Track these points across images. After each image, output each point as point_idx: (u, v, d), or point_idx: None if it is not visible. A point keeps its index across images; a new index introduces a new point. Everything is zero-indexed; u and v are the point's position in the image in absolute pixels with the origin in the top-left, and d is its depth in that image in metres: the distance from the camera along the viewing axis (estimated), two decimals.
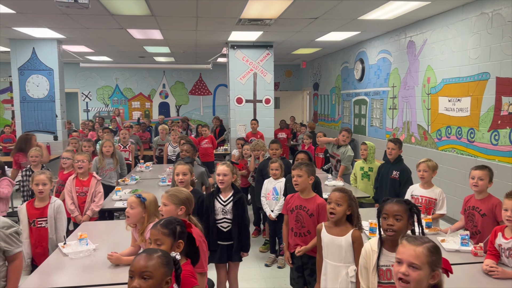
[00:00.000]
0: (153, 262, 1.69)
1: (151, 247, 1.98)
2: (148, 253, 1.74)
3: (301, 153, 4.46)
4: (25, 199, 4.85)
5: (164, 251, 1.80)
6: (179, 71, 13.66)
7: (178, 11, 5.87)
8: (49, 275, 2.80)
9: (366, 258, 2.37)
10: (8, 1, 5.19)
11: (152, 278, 1.67)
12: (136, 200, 2.82)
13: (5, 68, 12.15)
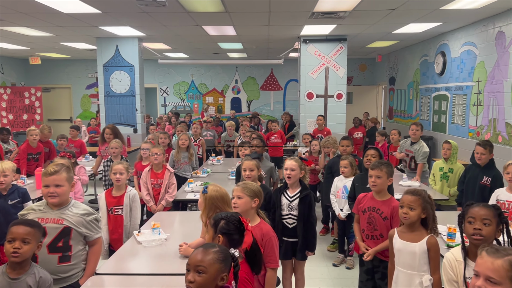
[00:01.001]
0: (208, 257, 1.69)
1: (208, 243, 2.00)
2: (205, 248, 1.74)
3: (371, 150, 4.23)
4: (106, 188, 5.20)
5: (222, 247, 1.79)
6: (251, 67, 13.80)
7: (251, 6, 5.90)
8: (124, 261, 2.96)
9: (453, 270, 2.17)
10: (95, 1, 5.56)
11: (206, 273, 1.67)
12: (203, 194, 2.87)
13: (92, 64, 13.09)
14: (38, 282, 2.13)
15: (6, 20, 6.62)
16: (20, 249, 2.12)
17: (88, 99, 13.84)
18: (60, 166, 2.58)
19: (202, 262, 1.68)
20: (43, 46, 10.04)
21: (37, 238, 2.18)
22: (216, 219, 2.11)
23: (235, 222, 2.08)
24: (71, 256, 2.57)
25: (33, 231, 2.17)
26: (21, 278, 2.13)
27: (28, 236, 2.14)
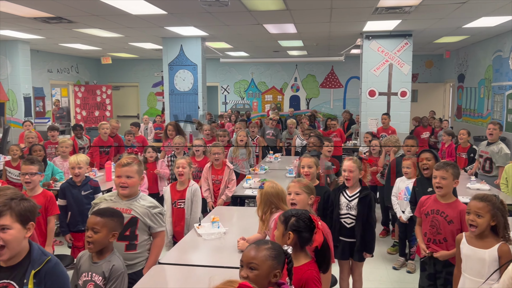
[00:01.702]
0: (261, 254, 1.71)
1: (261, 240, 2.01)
2: (258, 245, 1.76)
3: (426, 152, 3.95)
4: (170, 182, 5.42)
5: (275, 244, 1.80)
6: (311, 64, 13.69)
7: (313, 4, 5.86)
8: (185, 253, 3.08)
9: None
10: (161, 3, 5.81)
11: (258, 270, 1.69)
12: (260, 189, 2.91)
13: (157, 63, 13.68)
14: (110, 270, 2.28)
15: (81, 22, 7.11)
16: (90, 238, 2.28)
17: (154, 96, 14.48)
18: (133, 159, 2.75)
19: (254, 259, 1.70)
20: (114, 47, 10.65)
21: (109, 228, 2.31)
22: (286, 216, 2.09)
23: (305, 220, 2.06)
24: (137, 245, 2.72)
25: (103, 221, 2.31)
26: (99, 263, 2.30)
27: (97, 225, 2.29)
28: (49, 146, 6.45)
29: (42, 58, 11.35)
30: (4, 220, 1.69)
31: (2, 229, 1.68)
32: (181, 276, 2.70)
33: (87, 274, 2.31)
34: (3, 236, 1.68)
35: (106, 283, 2.27)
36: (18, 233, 1.72)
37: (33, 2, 5.61)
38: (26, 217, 1.76)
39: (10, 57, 9.28)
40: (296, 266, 1.96)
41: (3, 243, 1.68)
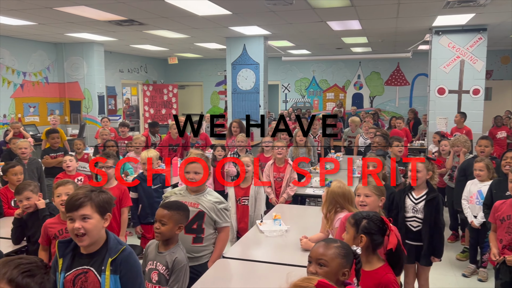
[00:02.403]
0: (330, 251, 1.71)
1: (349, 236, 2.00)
2: (327, 242, 1.77)
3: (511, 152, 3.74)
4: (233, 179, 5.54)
5: (344, 243, 1.79)
6: (376, 61, 13.29)
7: None
8: (248, 248, 3.15)
9: None
10: (227, 3, 5.95)
11: (327, 267, 1.69)
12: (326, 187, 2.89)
13: (221, 63, 13.99)
14: (173, 262, 2.39)
15: (151, 24, 7.46)
16: (158, 229, 2.40)
17: (217, 95, 14.83)
18: (200, 155, 2.87)
19: (323, 256, 1.71)
20: (180, 47, 11.06)
21: (175, 220, 2.42)
22: (356, 218, 2.05)
23: (377, 222, 2.02)
24: (203, 238, 2.83)
25: (170, 214, 2.42)
26: (164, 253, 2.43)
27: (164, 218, 2.41)
28: (119, 142, 6.86)
29: (115, 59, 12.06)
30: (85, 210, 1.83)
31: (83, 219, 1.82)
32: (244, 271, 2.77)
33: (152, 263, 2.44)
34: (84, 225, 1.81)
35: (169, 273, 2.38)
36: (97, 222, 1.85)
37: (109, 6, 5.98)
38: (104, 208, 1.89)
39: (86, 58, 9.97)
40: (370, 270, 1.94)
41: (84, 231, 1.82)
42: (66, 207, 1.86)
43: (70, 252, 1.89)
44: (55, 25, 7.52)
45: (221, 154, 5.31)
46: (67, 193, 2.84)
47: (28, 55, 9.32)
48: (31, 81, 9.41)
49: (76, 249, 1.90)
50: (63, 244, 1.91)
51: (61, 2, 5.68)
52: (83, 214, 1.82)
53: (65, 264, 1.87)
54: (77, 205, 1.83)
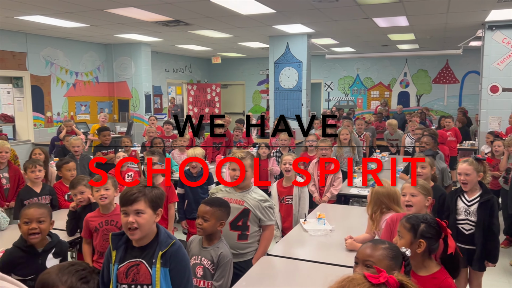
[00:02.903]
0: (378, 252, 1.67)
1: (377, 238, 1.95)
2: (375, 243, 1.72)
3: None
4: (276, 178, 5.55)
5: (392, 245, 1.74)
6: (423, 58, 12.84)
7: None
8: (292, 246, 3.15)
9: None
10: (271, 2, 5.96)
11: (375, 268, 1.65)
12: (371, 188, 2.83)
13: (263, 62, 14.03)
14: (218, 256, 2.43)
15: (196, 24, 7.60)
16: (200, 225, 2.45)
17: (258, 94, 14.90)
18: (246, 153, 2.90)
19: (371, 257, 1.67)
20: (223, 46, 11.19)
21: (217, 217, 2.46)
22: (413, 222, 1.97)
23: (435, 226, 1.95)
24: (248, 235, 2.86)
25: (212, 210, 2.46)
26: (208, 249, 2.47)
27: (207, 214, 2.45)
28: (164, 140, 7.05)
29: (161, 59, 12.39)
30: (139, 205, 1.89)
31: (137, 213, 1.88)
32: (288, 269, 2.76)
33: (196, 258, 2.49)
34: (138, 219, 1.87)
35: (214, 268, 2.42)
36: (150, 217, 1.91)
37: (157, 7, 6.15)
38: (156, 204, 1.94)
39: (134, 58, 10.31)
40: (427, 274, 1.88)
41: (137, 226, 1.88)
42: (120, 202, 1.94)
43: (123, 244, 1.97)
44: (106, 27, 7.83)
45: (265, 152, 5.33)
46: (106, 188, 2.96)
47: (80, 56, 9.76)
48: (82, 81, 9.86)
49: (128, 241, 1.97)
50: (116, 236, 1.98)
51: (112, 3, 5.90)
52: (137, 209, 1.88)
53: (119, 256, 1.95)
54: (131, 200, 1.89)
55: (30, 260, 2.44)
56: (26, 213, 2.49)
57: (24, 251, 2.46)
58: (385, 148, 8.16)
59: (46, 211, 2.54)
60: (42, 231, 2.46)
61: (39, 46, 8.69)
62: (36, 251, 2.47)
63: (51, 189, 4.07)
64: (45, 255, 2.49)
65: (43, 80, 8.85)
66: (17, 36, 8.19)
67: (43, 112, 8.91)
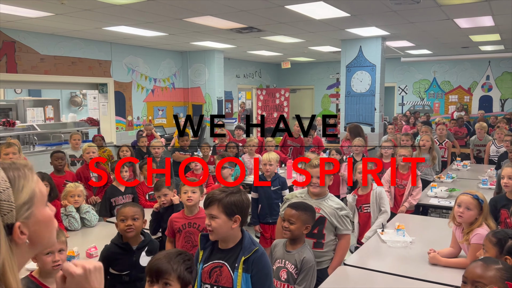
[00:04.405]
0: (490, 273, 1.55)
1: (488, 256, 1.81)
2: (487, 263, 1.60)
3: None
4: None
5: (507, 265, 1.60)
6: (508, 60, 11.89)
7: None
8: (369, 257, 3.05)
9: None
10: (346, 6, 5.87)
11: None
12: (473, 201, 2.63)
13: (333, 66, 13.85)
14: (302, 261, 2.43)
15: (268, 30, 7.70)
16: (287, 228, 2.47)
17: (328, 98, 14.69)
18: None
19: (481, 278, 1.55)
20: (294, 51, 11.21)
21: (303, 220, 2.49)
22: (500, 237, 1.87)
23: None
24: (323, 244, 2.82)
25: (298, 213, 2.49)
26: (292, 252, 2.49)
27: (293, 217, 2.48)
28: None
29: (232, 65, 12.70)
30: (212, 210, 1.94)
31: (212, 217, 1.95)
32: (366, 281, 2.68)
33: (280, 261, 2.50)
34: (212, 223, 1.94)
35: (298, 272, 2.42)
36: (224, 223, 1.93)
37: (232, 15, 6.32)
38: (232, 210, 1.94)
39: (208, 65, 10.67)
40: None
41: (211, 229, 1.95)
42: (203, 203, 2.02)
43: (210, 245, 2.04)
44: (183, 35, 8.19)
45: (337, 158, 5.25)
46: (193, 191, 3.07)
47: (158, 63, 10.29)
48: (160, 87, 10.39)
49: (215, 243, 2.04)
50: (204, 237, 2.06)
51: (190, 13, 6.16)
52: (210, 213, 1.95)
53: (205, 256, 2.03)
54: (207, 204, 1.98)
55: (125, 257, 2.62)
56: (122, 211, 2.69)
57: (120, 247, 2.65)
58: (466, 156, 7.66)
59: (139, 210, 2.74)
60: (136, 228, 2.65)
61: (122, 55, 9.31)
62: (131, 248, 2.65)
63: (133, 189, 4.32)
64: (139, 253, 2.65)
65: (125, 86, 9.46)
66: (103, 46, 8.84)
67: (125, 116, 9.51)
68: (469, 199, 2.60)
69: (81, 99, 11.99)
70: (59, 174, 4.59)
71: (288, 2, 5.59)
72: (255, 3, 5.59)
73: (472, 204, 2.58)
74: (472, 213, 2.59)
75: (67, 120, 9.62)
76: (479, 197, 2.61)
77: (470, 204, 2.59)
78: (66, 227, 3.52)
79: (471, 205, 2.59)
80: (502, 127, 7.07)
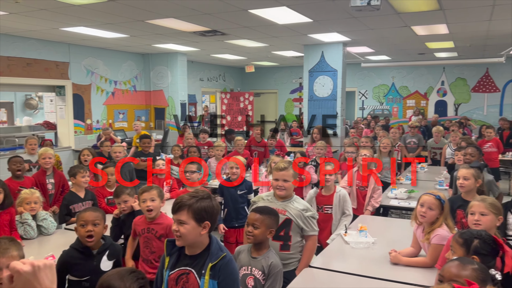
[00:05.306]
0: (466, 273, 1.59)
1: (465, 257, 1.85)
2: (463, 263, 1.64)
3: None
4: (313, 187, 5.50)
5: (482, 265, 1.64)
6: (461, 67, 12.49)
7: (472, 1, 5.36)
8: (333, 259, 3.10)
9: None
10: (308, 11, 5.96)
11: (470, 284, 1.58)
12: (435, 201, 2.72)
13: (296, 71, 14.03)
14: (269, 266, 2.41)
15: (232, 34, 7.69)
16: (251, 232, 2.45)
17: (291, 103, 14.87)
18: (289, 163, 2.88)
19: (458, 277, 1.59)
20: (257, 56, 11.27)
21: (267, 225, 2.46)
22: (466, 238, 1.92)
23: (490, 242, 1.89)
24: (290, 246, 2.83)
25: (262, 217, 2.46)
26: (258, 259, 2.47)
27: (257, 222, 2.45)
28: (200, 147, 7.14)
29: (196, 68, 12.60)
30: (181, 216, 1.89)
31: (180, 223, 1.89)
32: (331, 282, 2.72)
33: (246, 268, 2.48)
34: (180, 228, 1.89)
35: (265, 278, 2.40)
36: (192, 229, 1.88)
37: (195, 18, 6.27)
38: (201, 216, 1.90)
39: (171, 68, 10.53)
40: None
41: (180, 234, 1.89)
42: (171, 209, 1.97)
43: (176, 251, 1.99)
44: (145, 37, 8.04)
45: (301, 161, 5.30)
46: (152, 199, 2.99)
47: (119, 65, 10.05)
48: (121, 89, 10.14)
49: (182, 249, 1.99)
50: (170, 243, 2.00)
51: (153, 15, 6.06)
52: (179, 218, 1.90)
53: (171, 262, 1.97)
54: (175, 209, 1.93)
55: (85, 261, 2.53)
56: (82, 216, 2.59)
57: (80, 252, 2.55)
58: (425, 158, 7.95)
59: (100, 214, 2.65)
60: (97, 233, 2.56)
61: (81, 56, 9.02)
62: (91, 252, 2.56)
63: (93, 195, 4.19)
64: (99, 257, 2.57)
65: (84, 88, 9.16)
66: (61, 47, 8.53)
67: (83, 120, 9.21)
68: (432, 199, 2.69)
69: (37, 101, 11.51)
70: (18, 180, 4.39)
71: (252, 6, 5.61)
72: (219, 6, 5.57)
73: (435, 204, 2.68)
74: (434, 213, 2.68)
75: (22, 123, 9.20)
76: (441, 198, 2.71)
77: (432, 204, 2.69)
78: (21, 236, 3.36)
79: (433, 205, 2.68)
80: (456, 130, 7.40)
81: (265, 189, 4.78)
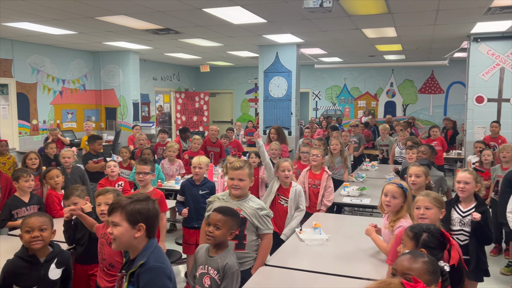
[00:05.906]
0: (417, 265, 1.63)
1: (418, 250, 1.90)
2: (414, 256, 1.67)
3: None
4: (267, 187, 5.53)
5: (431, 258, 1.70)
6: (409, 69, 13.07)
7: (418, 6, 5.61)
8: (289, 256, 3.11)
9: None
10: (263, 12, 5.99)
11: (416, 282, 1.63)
12: (398, 190, 2.77)
13: (252, 71, 14.10)
14: (225, 267, 2.38)
15: (186, 33, 7.59)
16: (212, 233, 2.40)
17: (247, 103, 14.91)
18: (244, 162, 2.87)
19: (410, 270, 1.62)
20: (212, 55, 11.20)
21: (229, 226, 2.43)
22: (415, 231, 1.98)
23: (438, 236, 1.95)
24: (245, 245, 2.83)
25: (225, 219, 2.42)
26: (214, 258, 2.43)
27: (219, 222, 2.41)
28: (159, 148, 6.98)
29: (149, 67, 12.32)
30: (114, 217, 1.84)
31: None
32: (287, 279, 2.73)
33: (203, 267, 2.44)
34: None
35: (220, 278, 2.38)
36: (126, 231, 1.82)
37: (148, 15, 6.13)
38: (135, 218, 1.83)
39: (122, 66, 10.23)
40: None
41: (113, 237, 1.84)
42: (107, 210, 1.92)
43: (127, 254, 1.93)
44: (94, 34, 7.76)
45: (255, 161, 5.31)
46: (107, 203, 2.88)
47: (67, 63, 9.64)
48: (69, 89, 9.73)
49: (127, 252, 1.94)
50: None
51: (103, 11, 5.86)
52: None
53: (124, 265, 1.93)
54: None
55: (32, 271, 2.40)
56: (27, 222, 2.45)
57: (26, 261, 2.42)
58: (374, 157, 8.24)
59: (47, 219, 2.52)
60: (44, 239, 2.43)
61: (25, 53, 8.56)
62: (38, 261, 2.43)
63: (39, 199, 3.98)
64: (47, 265, 2.44)
65: (29, 87, 8.71)
66: (3, 43, 8.06)
67: (29, 120, 8.75)
68: (394, 188, 2.77)
69: None
70: None
71: (206, 5, 5.56)
72: (172, 4, 5.48)
73: (398, 192, 2.76)
74: (398, 201, 2.76)
75: None
76: (403, 186, 2.80)
77: (395, 192, 2.77)
78: None
79: (397, 194, 2.76)
80: (404, 130, 7.72)
81: (220, 189, 4.75)
